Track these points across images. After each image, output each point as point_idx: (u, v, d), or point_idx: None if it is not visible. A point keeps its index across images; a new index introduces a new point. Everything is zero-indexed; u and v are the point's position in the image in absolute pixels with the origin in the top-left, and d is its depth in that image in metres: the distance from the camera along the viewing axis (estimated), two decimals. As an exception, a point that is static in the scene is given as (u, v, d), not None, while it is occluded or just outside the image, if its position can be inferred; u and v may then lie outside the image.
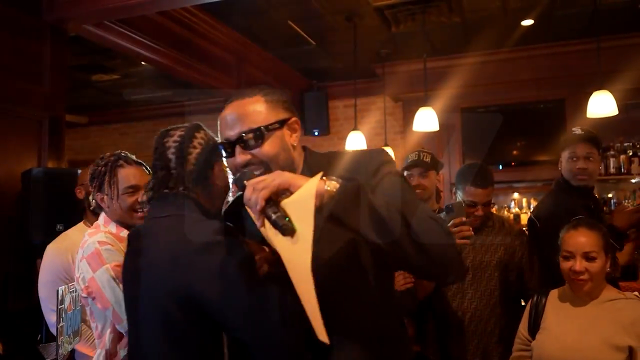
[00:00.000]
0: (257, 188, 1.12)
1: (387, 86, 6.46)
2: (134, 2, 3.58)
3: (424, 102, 4.59)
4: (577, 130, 2.80)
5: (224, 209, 1.64)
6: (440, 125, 4.63)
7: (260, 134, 1.31)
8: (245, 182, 1.19)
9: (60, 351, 2.07)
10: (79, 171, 3.52)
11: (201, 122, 1.65)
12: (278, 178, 1.13)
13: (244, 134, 1.31)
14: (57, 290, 2.11)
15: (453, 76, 5.82)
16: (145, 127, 8.37)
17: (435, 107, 4.59)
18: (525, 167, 6.31)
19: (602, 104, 3.98)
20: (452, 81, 5.83)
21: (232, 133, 1.33)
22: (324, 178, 1.15)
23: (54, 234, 3.21)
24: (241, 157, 1.32)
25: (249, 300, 1.24)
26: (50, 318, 2.56)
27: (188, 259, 1.30)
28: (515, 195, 6.77)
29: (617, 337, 1.89)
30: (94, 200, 2.07)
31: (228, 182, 1.60)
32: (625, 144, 5.78)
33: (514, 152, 6.60)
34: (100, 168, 2.02)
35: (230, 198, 1.70)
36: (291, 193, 1.13)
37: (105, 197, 2.00)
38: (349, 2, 4.78)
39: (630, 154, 5.73)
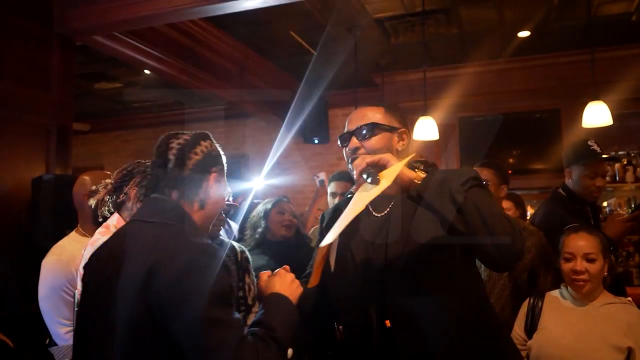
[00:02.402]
0: (365, 158, 1.55)
1: (386, 95, 6.57)
2: (142, 15, 3.68)
3: (422, 111, 4.68)
4: (594, 145, 2.80)
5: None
6: (439, 133, 4.73)
7: (372, 129, 1.67)
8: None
9: (77, 352, 2.13)
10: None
11: (202, 129, 1.66)
12: (383, 156, 1.50)
13: (360, 126, 1.68)
14: (74, 293, 2.18)
15: (451, 86, 5.93)
16: (146, 134, 8.44)
17: (433, 116, 4.69)
18: (522, 175, 6.41)
19: (597, 114, 4.08)
20: (449, 91, 5.94)
21: (352, 126, 1.71)
22: (417, 168, 1.53)
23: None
24: (353, 143, 1.68)
25: (206, 339, 1.23)
26: (56, 329, 2.56)
27: (167, 275, 1.27)
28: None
29: (616, 339, 1.97)
30: (123, 195, 2.09)
31: (223, 198, 1.57)
32: (620, 153, 5.88)
33: (510, 160, 6.71)
34: (144, 167, 2.12)
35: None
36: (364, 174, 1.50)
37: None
38: (349, 14, 4.88)
39: (625, 162, 5.83)
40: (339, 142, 1.75)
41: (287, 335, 1.38)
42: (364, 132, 1.67)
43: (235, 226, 3.24)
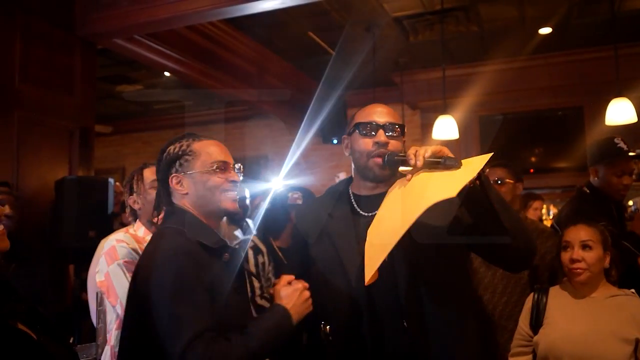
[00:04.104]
0: (420, 149, 1.45)
1: (405, 94, 6.54)
2: (162, 18, 3.72)
3: (441, 109, 4.65)
4: (621, 143, 2.76)
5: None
6: (459, 132, 4.70)
7: (401, 129, 1.65)
8: (398, 155, 1.58)
9: (99, 350, 2.17)
10: (111, 180, 3.65)
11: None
12: (443, 147, 1.46)
13: (392, 123, 1.63)
14: (97, 293, 2.21)
15: (471, 84, 5.87)
16: (167, 136, 8.40)
17: (453, 115, 4.65)
18: (544, 174, 6.33)
19: (620, 111, 4.02)
20: (469, 89, 5.89)
21: (382, 119, 1.64)
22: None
23: (86, 240, 3.34)
24: (384, 138, 1.61)
25: (163, 331, 1.32)
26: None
27: (147, 269, 1.41)
28: (534, 202, 6.76)
29: (623, 330, 1.95)
30: (127, 207, 2.18)
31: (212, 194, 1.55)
32: (645, 151, 5.76)
33: (532, 159, 6.63)
34: (131, 176, 2.18)
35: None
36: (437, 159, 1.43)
37: (136, 197, 2.14)
38: (368, 13, 4.87)
39: (650, 160, 5.70)
40: (357, 131, 1.64)
41: (266, 349, 1.40)
42: (396, 130, 1.63)
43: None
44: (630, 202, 5.94)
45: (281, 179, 5.69)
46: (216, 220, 1.58)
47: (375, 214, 1.58)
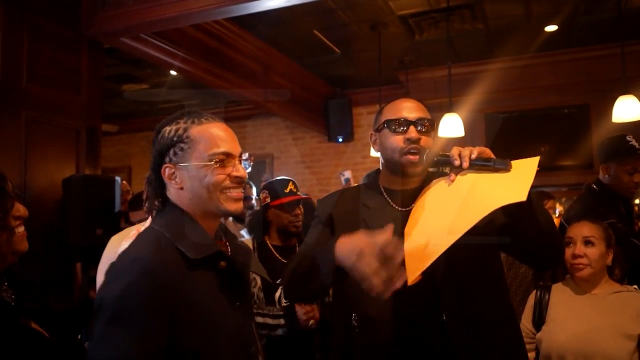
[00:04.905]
0: (464, 150, 1.43)
1: (410, 93, 6.53)
2: (168, 16, 3.73)
3: (447, 108, 4.65)
4: (633, 141, 2.78)
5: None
6: (464, 130, 4.69)
7: (432, 125, 1.62)
8: (439, 154, 1.51)
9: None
10: (117, 178, 3.68)
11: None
12: (486, 149, 1.44)
13: (423, 118, 1.60)
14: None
15: (476, 82, 5.86)
16: (172, 135, 8.54)
17: (459, 113, 4.65)
18: (550, 172, 6.30)
19: (627, 109, 4.02)
20: (475, 87, 5.88)
21: (413, 115, 1.60)
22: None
23: (93, 238, 3.36)
24: (415, 134, 1.58)
25: (90, 352, 1.14)
26: None
27: (108, 273, 1.22)
28: (540, 200, 6.75)
29: (626, 326, 1.96)
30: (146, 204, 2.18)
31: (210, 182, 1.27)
32: (652, 148, 5.72)
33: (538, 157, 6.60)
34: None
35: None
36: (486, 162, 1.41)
37: None
38: (373, 11, 4.87)
39: (657, 158, 5.67)
40: (386, 127, 1.61)
41: None
42: (427, 126, 1.60)
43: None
44: (637, 201, 5.92)
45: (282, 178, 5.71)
46: (216, 220, 1.35)
47: (410, 209, 1.56)
